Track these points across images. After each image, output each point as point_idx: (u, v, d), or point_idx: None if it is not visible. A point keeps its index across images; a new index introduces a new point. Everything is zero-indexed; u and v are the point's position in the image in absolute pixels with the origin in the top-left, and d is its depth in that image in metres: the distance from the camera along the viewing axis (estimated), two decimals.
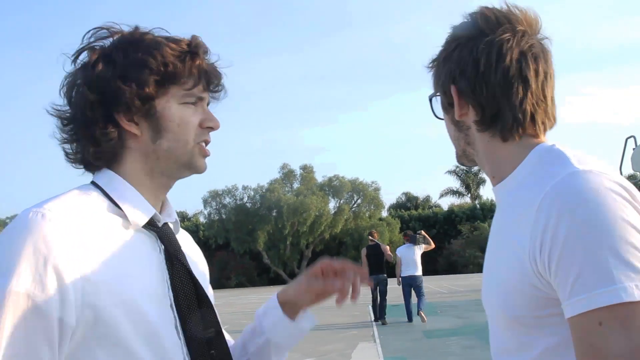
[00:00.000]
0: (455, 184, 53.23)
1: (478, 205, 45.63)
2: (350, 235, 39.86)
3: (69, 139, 1.17)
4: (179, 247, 1.18)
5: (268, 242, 39.58)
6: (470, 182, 51.69)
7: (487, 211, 42.91)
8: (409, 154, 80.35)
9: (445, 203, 58.53)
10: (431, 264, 39.38)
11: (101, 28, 1.18)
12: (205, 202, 42.95)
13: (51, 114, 1.17)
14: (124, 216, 1.11)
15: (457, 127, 1.18)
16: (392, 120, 79.01)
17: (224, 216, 40.74)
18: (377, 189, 41.96)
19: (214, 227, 41.44)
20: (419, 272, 12.24)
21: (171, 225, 1.22)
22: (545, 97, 1.10)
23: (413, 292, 12.55)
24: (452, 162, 72.70)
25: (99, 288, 1.01)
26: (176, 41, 1.17)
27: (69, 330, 0.99)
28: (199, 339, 1.12)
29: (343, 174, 46.77)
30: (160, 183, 1.19)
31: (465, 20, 1.14)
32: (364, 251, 13.04)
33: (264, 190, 40.69)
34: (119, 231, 1.10)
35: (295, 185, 42.30)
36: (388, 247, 13.16)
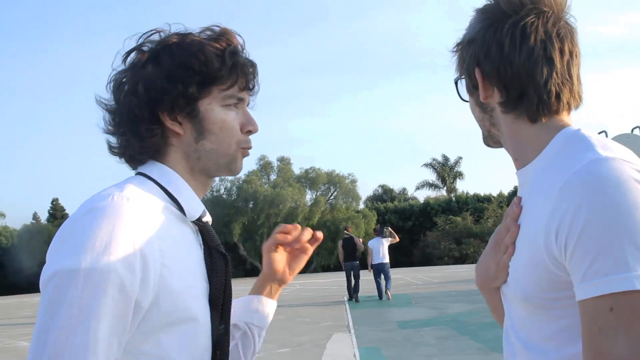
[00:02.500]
0: (431, 176, 53.62)
1: (454, 198, 45.97)
2: (327, 227, 39.82)
3: (115, 131, 1.22)
4: (219, 241, 1.24)
5: (244, 233, 39.45)
6: (446, 176, 52.08)
7: (462, 204, 43.28)
8: (386, 147, 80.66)
9: (422, 196, 58.88)
10: (407, 256, 39.68)
11: (155, 31, 1.23)
12: None
13: (100, 106, 1.23)
14: (178, 208, 1.17)
15: (482, 109, 1.19)
16: (368, 113, 79.17)
17: None
18: (353, 181, 42.05)
19: None
20: (386, 260, 15.38)
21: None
22: (570, 76, 1.10)
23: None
24: (429, 155, 73.04)
25: (173, 274, 1.08)
26: (216, 39, 1.21)
27: (141, 312, 1.05)
28: (217, 332, 1.19)
29: (320, 166, 46.76)
30: (200, 182, 1.25)
31: (489, 2, 1.15)
32: (340, 242, 16.21)
33: (240, 182, 40.53)
34: (175, 222, 1.16)
35: (273, 177, 42.21)
36: (360, 240, 16.38)
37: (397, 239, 16.46)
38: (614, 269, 0.91)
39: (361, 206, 44.07)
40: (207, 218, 1.27)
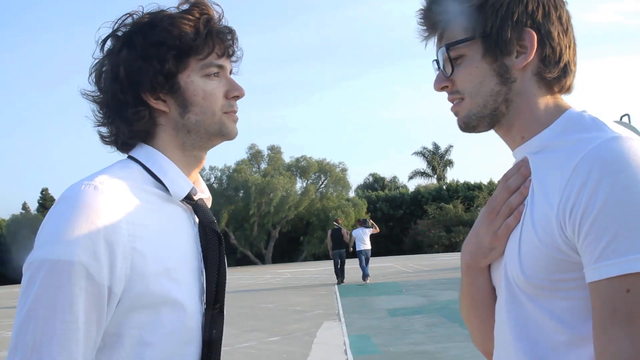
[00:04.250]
0: (422, 165, 53.76)
1: (444, 187, 46.11)
2: (317, 216, 39.92)
3: (105, 121, 1.23)
4: (214, 219, 1.25)
5: (235, 222, 39.42)
6: (436, 164, 52.20)
7: (452, 192, 43.41)
8: (377, 136, 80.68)
9: (412, 184, 59.11)
10: (397, 244, 39.83)
11: (128, 15, 1.23)
12: None
13: (87, 99, 1.24)
14: (164, 189, 1.18)
15: (502, 79, 1.07)
16: (360, 102, 79.08)
17: None
18: (344, 170, 42.06)
19: None
20: (368, 247, 17.79)
21: (206, 201, 1.28)
22: (573, 49, 1.10)
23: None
24: (420, 144, 73.04)
25: (146, 258, 1.07)
26: (189, 11, 1.20)
27: (116, 299, 1.05)
28: (212, 312, 1.19)
29: (310, 154, 46.74)
30: (193, 156, 1.25)
31: None
32: (329, 232, 18.54)
33: (231, 171, 40.43)
34: (159, 204, 1.16)
35: (263, 165, 42.12)
36: (347, 231, 18.73)
37: (378, 230, 18.64)
38: (633, 249, 0.87)
39: (352, 194, 44.14)
40: (203, 195, 1.27)
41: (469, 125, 1.12)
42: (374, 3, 79.27)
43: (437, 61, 1.14)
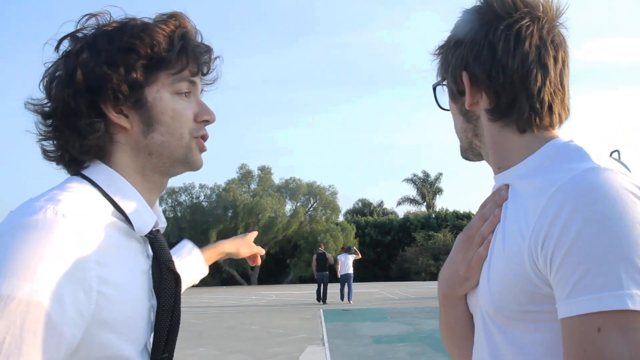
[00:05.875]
0: (411, 192, 53.85)
1: (433, 215, 46.18)
2: (305, 239, 39.75)
3: (51, 134, 1.08)
4: (171, 257, 1.11)
5: None
6: (426, 192, 52.33)
7: (441, 220, 43.43)
8: (367, 161, 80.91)
9: (401, 211, 59.00)
10: (384, 270, 39.69)
11: (91, 15, 1.11)
12: (161, 199, 41.33)
13: (29, 110, 1.09)
14: (125, 221, 1.05)
15: (466, 118, 1.12)
16: (351, 126, 79.44)
17: (179, 214, 40.09)
18: (334, 193, 42.03)
19: (167, 225, 39.62)
20: (351, 271, 19.75)
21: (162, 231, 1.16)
22: (562, 86, 1.05)
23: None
24: (409, 171, 73.29)
25: (109, 304, 0.95)
26: (165, 22, 1.10)
27: (72, 346, 0.91)
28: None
29: (301, 176, 46.71)
30: (153, 182, 1.12)
31: (480, 3, 1.08)
32: (314, 256, 20.92)
33: (220, 190, 40.29)
34: (120, 238, 1.02)
35: (253, 186, 42.04)
36: (331, 255, 21.39)
37: (360, 256, 21.15)
38: (605, 286, 0.83)
39: (341, 219, 44.06)
40: (161, 223, 1.15)
41: (462, 155, 1.20)
42: (368, 30, 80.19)
43: None
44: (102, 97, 1.05)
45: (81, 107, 1.04)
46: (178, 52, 1.08)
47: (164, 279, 1.08)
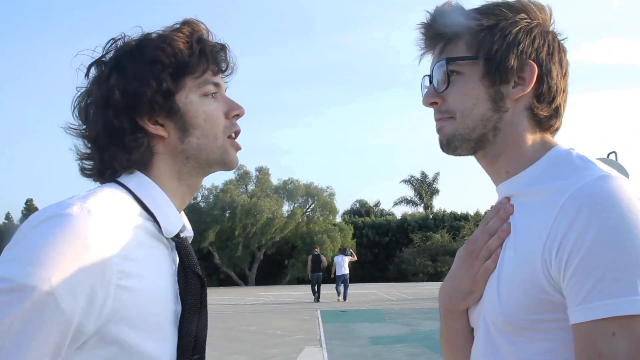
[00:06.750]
0: (409, 193, 53.87)
1: (431, 216, 46.20)
2: (303, 240, 39.73)
3: (93, 154, 1.13)
4: (197, 262, 1.15)
5: (219, 242, 39.14)
6: (423, 193, 52.35)
7: (438, 221, 43.46)
8: (365, 162, 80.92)
9: (399, 212, 59.06)
10: (382, 271, 39.69)
11: (112, 40, 1.16)
12: None
13: (71, 134, 1.15)
14: (154, 223, 1.09)
15: (496, 107, 1.06)
16: (349, 127, 79.45)
17: None
18: (331, 194, 42.01)
19: None
20: (346, 271, 20.87)
21: (188, 239, 1.20)
22: (566, 94, 1.11)
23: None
24: (407, 172, 73.41)
25: (130, 298, 0.98)
26: (179, 29, 1.16)
27: (83, 337, 0.95)
28: None
29: (298, 177, 46.74)
30: (188, 184, 1.18)
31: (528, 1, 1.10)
32: (310, 257, 22.23)
33: (218, 190, 40.27)
34: (146, 238, 1.07)
35: (250, 187, 42.02)
36: (325, 258, 22.76)
37: (355, 258, 23.06)
38: (621, 291, 0.85)
39: (338, 219, 44.06)
40: (188, 232, 1.19)
41: (451, 144, 1.09)
42: (366, 30, 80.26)
43: (430, 77, 1.13)
44: (138, 112, 1.10)
45: (123, 124, 1.10)
46: (198, 55, 1.13)
47: (190, 282, 1.11)
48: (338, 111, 79.59)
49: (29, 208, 48.02)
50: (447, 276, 1.17)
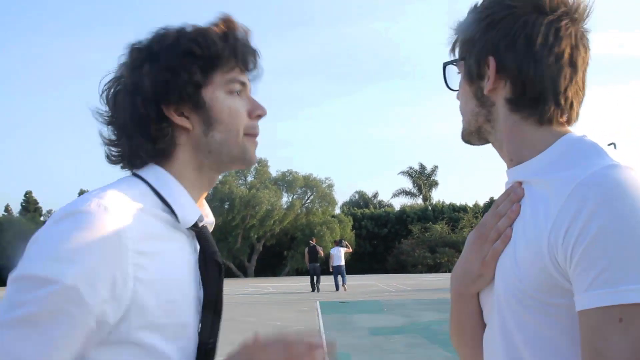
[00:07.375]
0: (408, 184, 53.89)
1: (429, 207, 46.24)
2: (302, 231, 39.74)
3: (120, 141, 1.16)
4: (216, 249, 1.18)
5: (218, 234, 39.17)
6: (422, 184, 52.38)
7: (437, 213, 43.49)
8: (364, 153, 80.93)
9: (398, 203, 59.20)
10: (381, 263, 39.72)
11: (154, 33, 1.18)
12: None
13: (99, 120, 1.18)
14: (171, 214, 1.11)
15: (480, 102, 1.11)
16: (348, 119, 79.40)
17: None
18: (330, 186, 41.98)
19: None
20: (342, 262, 21.37)
21: (209, 227, 1.22)
22: (584, 87, 1.09)
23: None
24: (406, 164, 73.51)
25: (148, 290, 1.02)
26: (216, 24, 1.17)
27: (107, 328, 0.99)
28: (205, 347, 1.13)
29: (297, 169, 46.76)
30: (208, 177, 1.20)
31: None
32: (306, 249, 23.26)
33: (217, 182, 40.19)
34: (165, 229, 1.10)
35: (249, 178, 42.00)
36: (321, 248, 23.41)
37: (351, 249, 24.13)
38: (628, 278, 0.86)
39: (337, 211, 44.09)
40: (207, 220, 1.21)
41: (464, 138, 1.19)
42: (367, 22, 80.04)
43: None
44: (165, 102, 1.12)
45: (150, 113, 1.12)
46: (230, 51, 1.15)
47: (209, 269, 1.14)
48: (337, 103, 79.56)
49: (28, 200, 48.01)
50: (458, 261, 1.18)
